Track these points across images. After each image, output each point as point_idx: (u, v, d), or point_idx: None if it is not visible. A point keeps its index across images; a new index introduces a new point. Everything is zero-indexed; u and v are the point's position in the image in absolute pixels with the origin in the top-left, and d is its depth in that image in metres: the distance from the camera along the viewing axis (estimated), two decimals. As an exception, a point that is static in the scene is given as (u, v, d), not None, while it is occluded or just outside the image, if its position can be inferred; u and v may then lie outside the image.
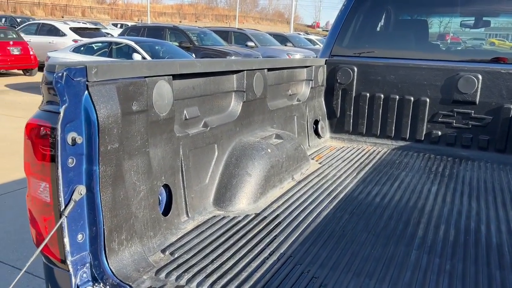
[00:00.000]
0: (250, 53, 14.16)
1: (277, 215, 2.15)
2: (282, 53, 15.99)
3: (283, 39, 20.51)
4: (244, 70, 2.44)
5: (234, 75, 2.43)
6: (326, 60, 3.81)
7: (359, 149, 3.61)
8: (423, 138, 3.56)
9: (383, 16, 4.21)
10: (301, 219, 2.12)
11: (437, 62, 3.47)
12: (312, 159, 3.26)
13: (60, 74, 1.32)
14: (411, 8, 4.18)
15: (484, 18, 4.20)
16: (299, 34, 31.60)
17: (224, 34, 17.61)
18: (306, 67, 3.48)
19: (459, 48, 5.94)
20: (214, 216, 2.10)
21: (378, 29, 4.13)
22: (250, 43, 16.61)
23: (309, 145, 3.55)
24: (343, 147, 3.66)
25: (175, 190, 1.92)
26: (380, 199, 2.44)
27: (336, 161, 3.22)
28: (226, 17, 67.18)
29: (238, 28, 20.68)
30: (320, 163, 3.15)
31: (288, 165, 2.68)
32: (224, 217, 2.08)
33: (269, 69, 2.79)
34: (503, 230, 2.07)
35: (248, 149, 2.40)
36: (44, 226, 1.44)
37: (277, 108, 3.03)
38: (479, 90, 3.30)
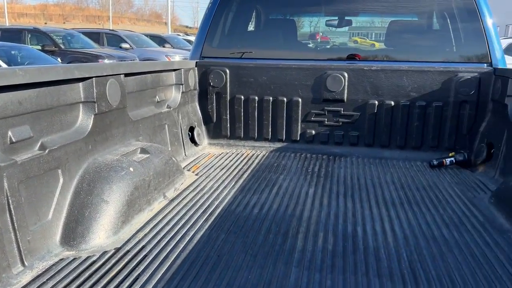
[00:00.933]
0: (125, 56, 13.32)
1: (143, 247, 1.84)
2: (160, 55, 15.40)
3: (160, 40, 19.82)
4: (92, 77, 2.07)
5: (80, 84, 2.04)
6: (196, 62, 3.57)
7: (238, 154, 3.45)
8: (298, 138, 3.54)
9: (253, 15, 4.13)
10: (171, 247, 1.84)
11: (306, 61, 3.47)
12: (188, 170, 3.00)
13: None
14: (277, 7, 4.16)
15: (347, 17, 4.37)
16: (178, 35, 30.97)
17: (95, 36, 16.33)
18: (174, 70, 3.20)
19: (325, 47, 6.20)
20: (62, 259, 1.71)
21: (248, 28, 4.02)
22: (124, 45, 15.66)
23: (185, 155, 3.28)
24: (221, 153, 3.47)
25: (1, 236, 1.49)
26: (259, 210, 2.28)
27: (214, 170, 3.01)
28: (99, 18, 63.05)
29: (110, 29, 19.39)
30: (196, 175, 2.91)
31: (158, 183, 2.37)
32: (74, 259, 1.70)
33: (126, 74, 2.45)
34: (378, 231, 2.05)
35: (104, 170, 2.04)
36: None
37: (143, 117, 2.70)
38: (346, 88, 3.37)
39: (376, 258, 1.78)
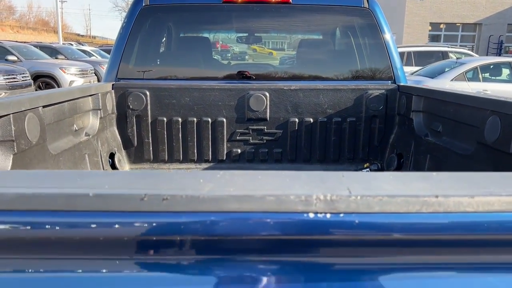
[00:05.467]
0: (13, 69, 12.09)
1: None
2: (54, 67, 14.30)
3: (52, 51, 18.37)
4: (9, 114, 1.86)
5: None
6: (113, 84, 3.39)
7: None
8: (225, 158, 3.56)
9: (171, 34, 4.05)
10: None
11: (229, 82, 3.50)
12: None
13: None
14: (193, 25, 4.13)
15: (256, 34, 4.50)
16: (70, 44, 28.96)
17: (-27, 47, 14.58)
18: (92, 95, 3.00)
19: (241, 63, 6.30)
20: None
21: (166, 48, 3.93)
22: (11, 57, 14.20)
23: None
24: None
25: None
26: None
27: None
28: (-26, 25, 56.31)
29: (-8, 40, 17.47)
30: None
31: None
32: None
33: (44, 106, 2.24)
34: None
35: None
36: None
37: (63, 150, 2.49)
38: (268, 107, 3.48)
39: None
